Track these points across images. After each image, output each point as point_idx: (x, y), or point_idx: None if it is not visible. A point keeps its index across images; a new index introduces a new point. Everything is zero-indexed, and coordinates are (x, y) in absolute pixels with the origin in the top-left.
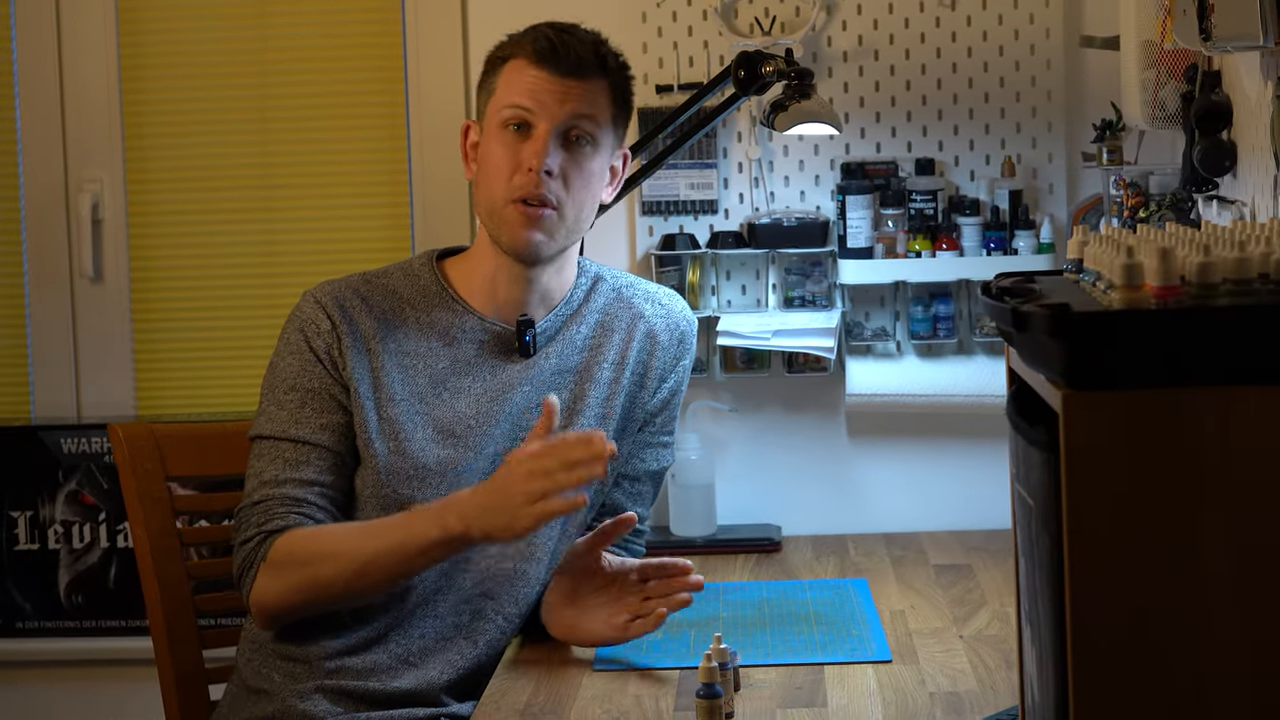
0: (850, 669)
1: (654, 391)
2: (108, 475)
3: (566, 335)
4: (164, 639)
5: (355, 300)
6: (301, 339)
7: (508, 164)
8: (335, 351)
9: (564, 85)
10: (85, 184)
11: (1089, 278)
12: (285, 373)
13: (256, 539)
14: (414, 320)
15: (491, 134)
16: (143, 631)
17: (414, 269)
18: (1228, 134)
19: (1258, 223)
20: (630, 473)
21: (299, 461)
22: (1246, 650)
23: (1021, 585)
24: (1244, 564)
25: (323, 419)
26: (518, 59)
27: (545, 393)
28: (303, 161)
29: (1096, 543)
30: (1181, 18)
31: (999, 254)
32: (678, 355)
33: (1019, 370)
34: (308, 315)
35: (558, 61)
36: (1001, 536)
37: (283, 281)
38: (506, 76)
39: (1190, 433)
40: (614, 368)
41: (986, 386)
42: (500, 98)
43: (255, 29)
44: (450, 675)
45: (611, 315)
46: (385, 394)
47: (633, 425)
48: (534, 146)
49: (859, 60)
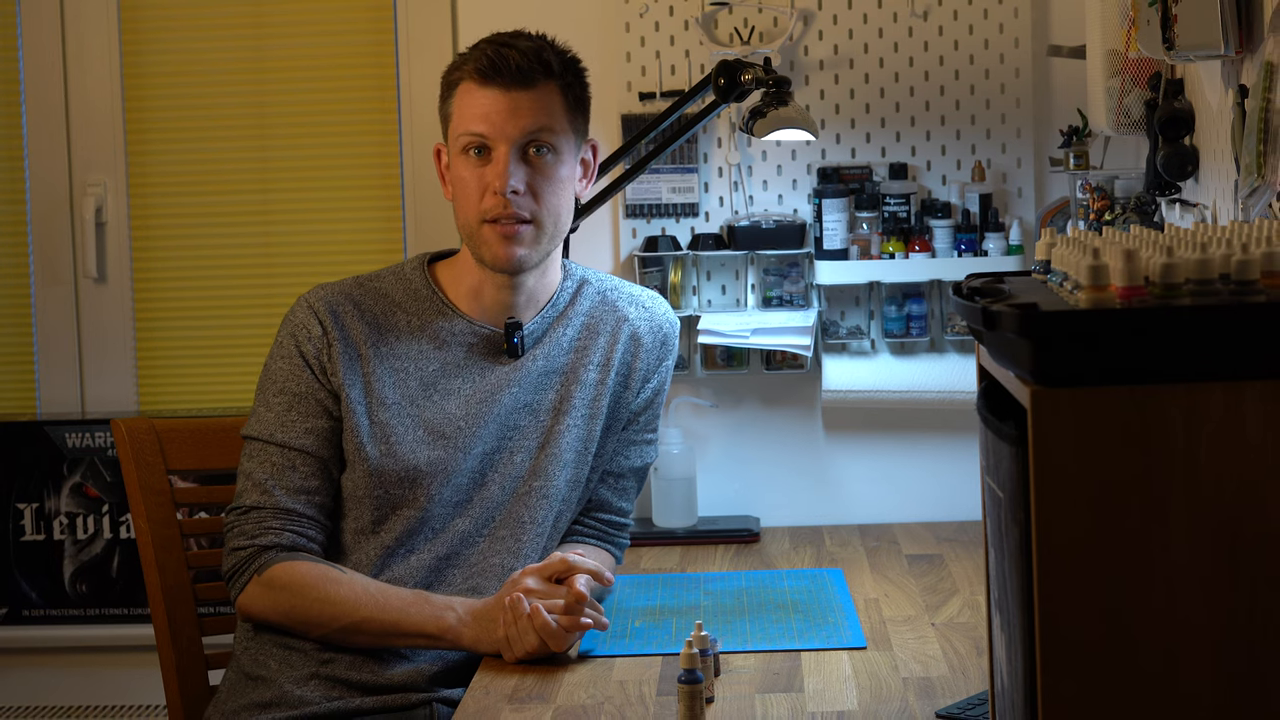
0: (826, 655)
1: (638, 391)
2: (111, 468)
3: (553, 337)
4: (165, 626)
5: (348, 305)
6: (293, 343)
7: (475, 187)
8: (325, 357)
9: (512, 99)
10: (89, 188)
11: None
12: (276, 375)
13: (250, 550)
14: (405, 324)
15: (456, 159)
16: (144, 619)
17: (406, 273)
18: (1190, 140)
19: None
20: (615, 470)
21: (285, 467)
22: (1211, 639)
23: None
24: (1207, 554)
25: (308, 423)
26: (465, 81)
27: (533, 392)
28: (299, 166)
29: (1063, 534)
30: (1145, 28)
31: (970, 255)
32: (660, 356)
33: (989, 367)
34: (300, 320)
35: (501, 75)
36: (972, 527)
37: (279, 282)
38: (459, 101)
39: (1154, 428)
40: (599, 369)
41: (958, 383)
42: (456, 124)
43: (252, 39)
44: (440, 666)
45: (597, 318)
46: (376, 398)
47: (617, 424)
48: (495, 169)
49: (835, 69)
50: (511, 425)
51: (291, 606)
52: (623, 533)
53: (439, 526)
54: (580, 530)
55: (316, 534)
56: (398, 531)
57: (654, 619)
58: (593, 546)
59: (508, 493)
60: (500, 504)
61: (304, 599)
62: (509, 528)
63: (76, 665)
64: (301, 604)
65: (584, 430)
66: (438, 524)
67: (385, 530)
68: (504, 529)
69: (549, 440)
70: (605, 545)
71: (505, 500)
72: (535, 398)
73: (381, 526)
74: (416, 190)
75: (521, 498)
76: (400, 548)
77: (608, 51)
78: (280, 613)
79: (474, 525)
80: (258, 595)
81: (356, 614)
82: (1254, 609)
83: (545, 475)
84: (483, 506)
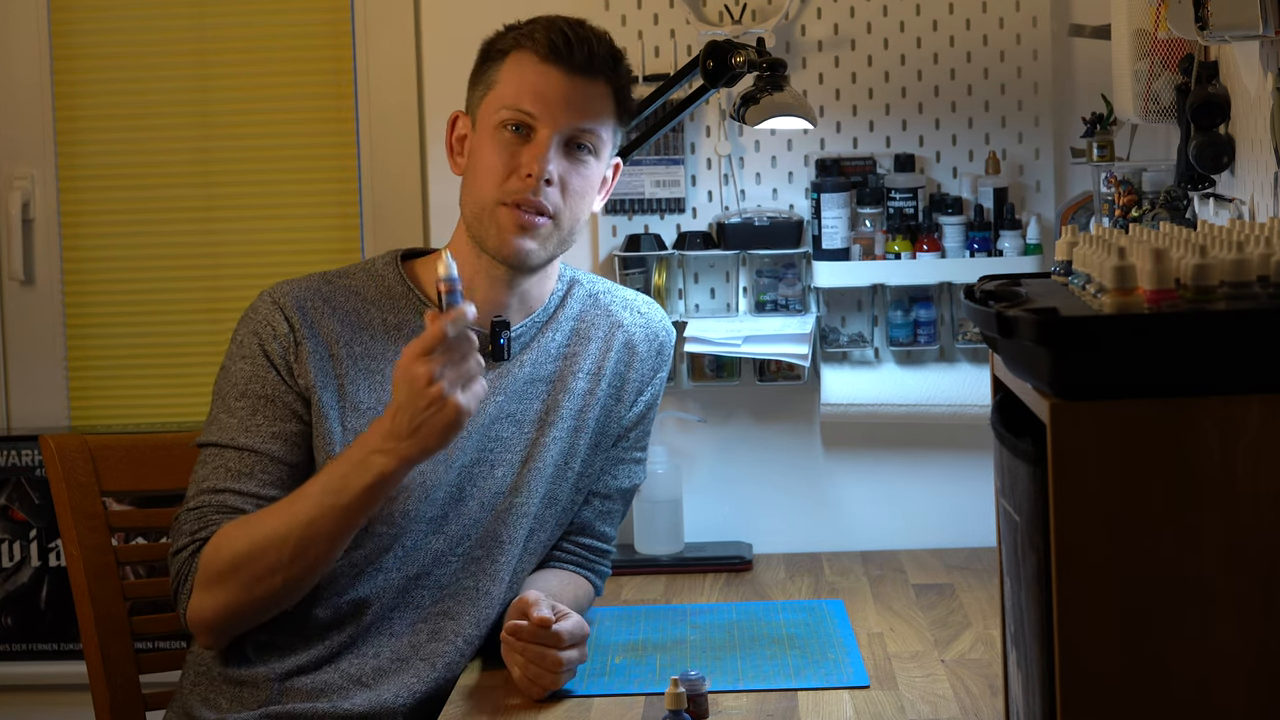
0: (826, 695)
1: (631, 404)
2: (39, 489)
3: (540, 342)
4: (99, 663)
5: (318, 302)
6: (256, 342)
7: (502, 166)
8: (292, 357)
9: (571, 85)
10: (14, 182)
11: (1078, 281)
12: (237, 378)
13: (190, 549)
14: (379, 323)
15: (486, 132)
16: (76, 655)
17: (378, 269)
18: (1225, 128)
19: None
20: (602, 490)
21: (243, 472)
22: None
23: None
24: (1245, 584)
25: (275, 427)
26: (524, 51)
27: (518, 401)
28: (245, 158)
29: (1086, 561)
30: (1176, 5)
31: (983, 255)
32: (655, 367)
33: (1004, 379)
34: (264, 317)
35: (570, 58)
36: (986, 554)
37: (224, 284)
38: (510, 71)
39: (1186, 445)
40: (590, 378)
41: (970, 396)
42: (501, 94)
43: (194, 17)
44: (406, 699)
45: (588, 322)
46: (350, 403)
47: (606, 440)
48: (535, 151)
49: (834, 50)
50: (493, 436)
51: (235, 575)
52: (605, 560)
53: (411, 545)
54: (559, 556)
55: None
56: (368, 549)
57: (636, 655)
58: (570, 573)
59: (486, 509)
60: (477, 521)
61: (238, 558)
62: (485, 548)
63: (1, 706)
64: (240, 567)
65: (567, 443)
66: (410, 541)
67: (355, 548)
68: (480, 549)
69: (533, 454)
70: (584, 573)
71: (484, 518)
72: (520, 407)
73: (351, 544)
74: (375, 184)
75: (501, 515)
76: (370, 567)
77: None
78: (229, 591)
79: (448, 544)
80: (204, 595)
81: (293, 532)
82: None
83: (528, 491)
84: (459, 524)
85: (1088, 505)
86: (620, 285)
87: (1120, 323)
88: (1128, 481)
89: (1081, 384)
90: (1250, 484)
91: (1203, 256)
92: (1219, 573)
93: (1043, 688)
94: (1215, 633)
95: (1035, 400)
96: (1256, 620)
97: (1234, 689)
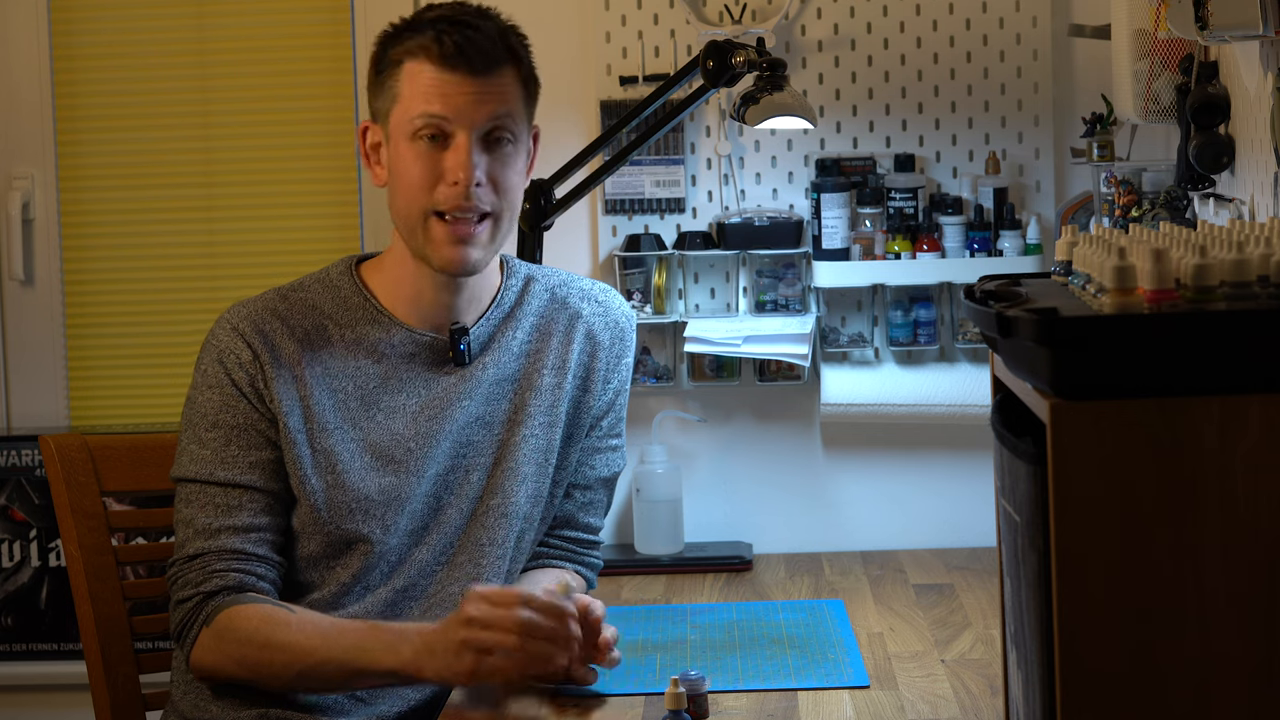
0: (826, 695)
1: (599, 394)
2: (39, 490)
3: (502, 342)
4: (98, 663)
5: (275, 323)
6: (221, 371)
7: (427, 174)
8: (260, 383)
9: (475, 84)
10: (15, 182)
11: (1078, 281)
12: (205, 408)
13: (196, 600)
14: (338, 337)
15: (401, 143)
16: (76, 655)
17: (332, 279)
18: (1225, 128)
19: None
20: (581, 481)
21: (230, 507)
22: (1245, 675)
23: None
24: (1245, 584)
25: (250, 457)
26: (418, 61)
27: (485, 405)
28: (246, 158)
29: (1086, 561)
30: (1176, 5)
31: (983, 255)
32: (619, 354)
33: (1004, 379)
34: (225, 345)
35: (470, 60)
36: (986, 554)
37: (224, 284)
38: (408, 81)
39: (1186, 445)
40: (555, 372)
41: (970, 396)
42: (408, 106)
43: (195, 17)
44: (400, 708)
45: (548, 318)
46: (317, 424)
47: (579, 431)
48: (457, 157)
49: (834, 50)
50: (465, 441)
51: (243, 655)
52: (593, 551)
53: (396, 560)
54: (545, 551)
55: (267, 571)
56: (354, 568)
57: (636, 655)
58: (558, 569)
59: (465, 515)
60: (458, 528)
61: (253, 646)
62: (467, 553)
63: (1, 706)
64: (252, 652)
65: (543, 440)
66: (394, 556)
67: (341, 567)
68: (462, 554)
69: (504, 454)
70: (573, 565)
71: (463, 524)
72: (488, 409)
73: (336, 563)
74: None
75: (479, 519)
76: (357, 584)
77: (585, 31)
78: (234, 662)
79: (432, 554)
80: (210, 647)
81: (311, 658)
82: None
83: (503, 492)
84: (440, 533)
85: (1088, 505)
86: (576, 275)
87: (1120, 323)
88: (1128, 481)
89: (1081, 384)
90: (1250, 484)
91: (1203, 256)
92: (1219, 573)
93: (1043, 688)
94: (1215, 632)
95: (1035, 400)
96: (1256, 620)
97: (1234, 689)
